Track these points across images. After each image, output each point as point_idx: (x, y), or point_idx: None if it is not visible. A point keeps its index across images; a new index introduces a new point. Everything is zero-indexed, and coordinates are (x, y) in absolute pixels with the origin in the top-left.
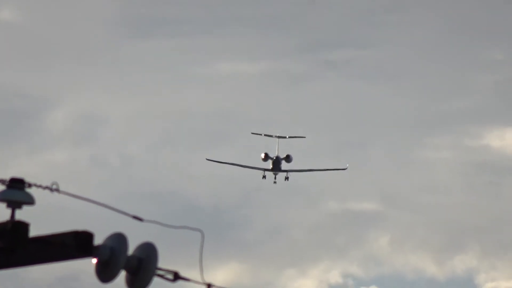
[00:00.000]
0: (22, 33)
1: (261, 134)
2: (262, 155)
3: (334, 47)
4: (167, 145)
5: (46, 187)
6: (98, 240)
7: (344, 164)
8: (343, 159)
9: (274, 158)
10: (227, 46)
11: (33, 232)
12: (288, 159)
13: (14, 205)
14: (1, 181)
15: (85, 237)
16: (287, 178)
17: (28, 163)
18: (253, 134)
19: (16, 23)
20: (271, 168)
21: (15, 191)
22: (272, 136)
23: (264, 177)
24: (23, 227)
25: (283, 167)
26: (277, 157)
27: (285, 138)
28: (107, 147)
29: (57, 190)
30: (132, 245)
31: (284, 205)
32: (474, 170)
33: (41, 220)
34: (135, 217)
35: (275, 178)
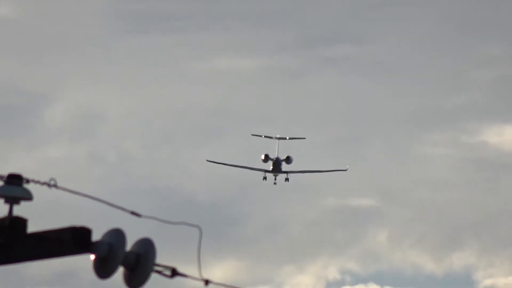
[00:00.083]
0: (20, 28)
1: (261, 136)
2: (263, 157)
3: (332, 42)
4: (165, 141)
5: (44, 183)
6: (96, 236)
7: (344, 164)
8: (341, 155)
9: (274, 159)
10: (224, 42)
11: (31, 228)
12: (288, 160)
13: (12, 201)
14: None
15: (83, 233)
16: (287, 179)
17: (26, 159)
18: (253, 136)
19: (14, 19)
20: (271, 169)
21: (13, 187)
22: (272, 138)
23: (265, 178)
24: (21, 223)
25: (283, 168)
26: (277, 158)
27: (285, 139)
28: (105, 143)
29: (55, 186)
30: (130, 241)
31: (282, 201)
32: (472, 167)
33: (39, 216)
34: (133, 213)
35: (275, 179)
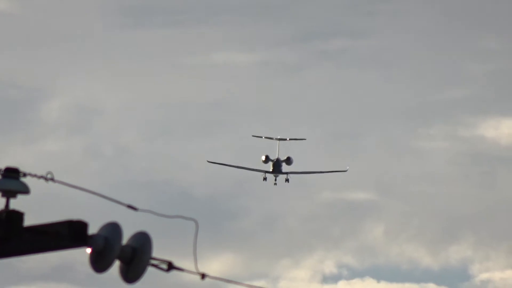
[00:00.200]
0: (16, 23)
1: (261, 137)
2: (263, 157)
3: (330, 37)
4: (161, 134)
5: (41, 177)
6: (93, 230)
7: (343, 162)
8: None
9: (275, 160)
10: (222, 36)
11: (28, 222)
12: (288, 161)
13: (9, 194)
14: None
15: (79, 226)
16: (287, 180)
17: (23, 152)
18: (254, 137)
19: (10, 13)
20: (271, 170)
21: (10, 180)
22: (272, 139)
23: (265, 179)
24: (18, 216)
25: (283, 169)
26: (278, 159)
27: (285, 140)
28: (101, 137)
29: (52, 180)
30: (126, 234)
31: (279, 195)
32: (469, 160)
33: (35, 210)
34: (130, 207)
35: (275, 180)
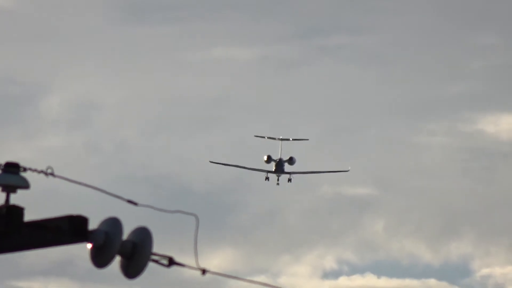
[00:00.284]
0: (16, 19)
1: (264, 137)
2: (265, 157)
3: (328, 32)
4: (161, 130)
5: (41, 171)
6: (93, 225)
7: (345, 162)
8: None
9: (277, 160)
10: (222, 32)
11: (28, 217)
12: (291, 161)
13: (9, 189)
14: None
15: (79, 221)
16: (290, 180)
17: (23, 148)
18: (256, 137)
19: (10, 9)
20: (274, 170)
21: (10, 175)
22: (275, 139)
23: (267, 178)
24: (18, 211)
25: (286, 169)
26: (280, 159)
27: (288, 140)
28: (101, 132)
29: (52, 175)
30: (127, 229)
31: (279, 190)
32: (469, 156)
33: (35, 205)
34: (130, 202)
35: (278, 180)
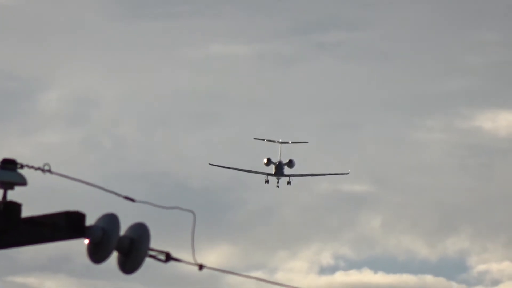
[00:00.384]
0: (14, 14)
1: (263, 140)
2: (265, 160)
3: (326, 29)
4: (159, 126)
5: (38, 168)
6: (90, 221)
7: (346, 167)
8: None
9: (277, 163)
10: (219, 28)
11: (25, 213)
12: (290, 164)
13: (6, 186)
14: None
15: (76, 217)
16: (289, 183)
17: (20, 144)
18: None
19: (8, 4)
20: (273, 172)
21: (7, 172)
22: (274, 142)
23: (267, 181)
24: (15, 207)
25: (285, 172)
26: (280, 162)
27: (287, 143)
28: (99, 129)
29: (49, 171)
30: (124, 225)
31: (274, 182)
32: (466, 152)
33: (33, 201)
34: (127, 198)
35: (277, 183)
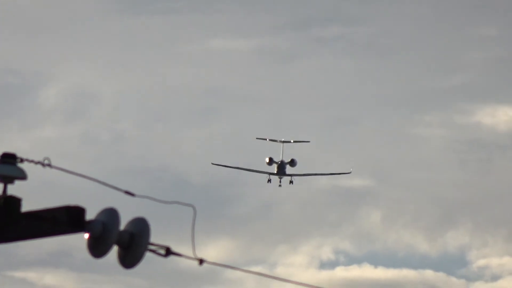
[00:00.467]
0: (14, 8)
1: (265, 139)
2: (267, 160)
3: (325, 23)
4: (158, 121)
5: (38, 162)
6: (90, 215)
7: (348, 167)
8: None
9: (279, 162)
10: (218, 23)
11: (25, 207)
12: (292, 163)
13: (6, 180)
14: None
15: (77, 212)
16: (291, 182)
17: (20, 139)
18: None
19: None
20: (275, 172)
21: (7, 166)
22: (276, 141)
23: (269, 180)
24: (16, 202)
25: (287, 171)
26: (282, 161)
27: (289, 142)
28: (99, 123)
29: (49, 165)
30: (124, 220)
31: (276, 181)
32: (466, 147)
33: (33, 195)
34: (127, 192)
35: (280, 182)
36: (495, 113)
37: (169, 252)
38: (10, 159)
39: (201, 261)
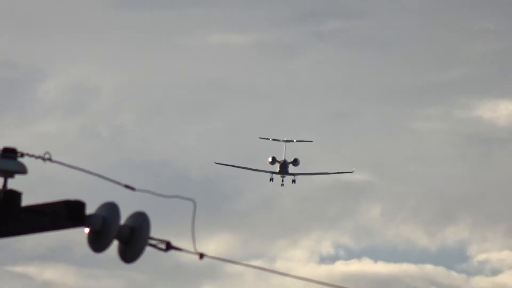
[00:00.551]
0: (13, 3)
1: (268, 139)
2: (270, 159)
3: (325, 17)
4: (158, 115)
5: (39, 157)
6: (90, 210)
7: (350, 167)
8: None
9: (282, 161)
10: (217, 17)
11: (25, 201)
12: (295, 162)
13: (7, 174)
14: None
15: (77, 206)
16: (294, 181)
17: (20, 133)
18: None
19: None
20: (278, 171)
21: (8, 161)
22: (279, 141)
23: (272, 179)
24: (16, 196)
25: (290, 170)
26: (285, 160)
27: (292, 142)
28: (98, 117)
29: (50, 160)
30: (124, 214)
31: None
32: (466, 141)
33: (33, 190)
34: (127, 187)
35: (282, 181)
36: (495, 107)
37: (169, 247)
38: (11, 153)
39: (201, 256)
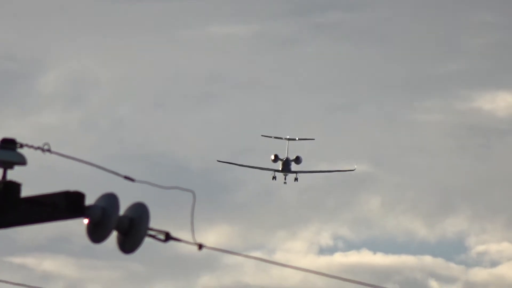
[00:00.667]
0: None
1: (271, 137)
2: (272, 157)
3: (324, 9)
4: (158, 107)
5: (38, 148)
6: (90, 201)
7: (352, 165)
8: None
9: (284, 159)
10: (217, 9)
11: (25, 193)
12: (297, 160)
13: (6, 165)
14: None
15: (76, 197)
16: (296, 179)
17: (19, 125)
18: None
19: None
20: (280, 169)
21: (7, 151)
22: (282, 139)
23: (274, 178)
24: (15, 187)
25: (292, 168)
26: (287, 158)
27: (295, 140)
28: (98, 109)
29: (49, 151)
30: (124, 205)
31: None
32: (465, 133)
33: (32, 181)
34: (127, 178)
35: (285, 179)
36: (494, 99)
37: (168, 237)
38: (10, 144)
39: (200, 246)
